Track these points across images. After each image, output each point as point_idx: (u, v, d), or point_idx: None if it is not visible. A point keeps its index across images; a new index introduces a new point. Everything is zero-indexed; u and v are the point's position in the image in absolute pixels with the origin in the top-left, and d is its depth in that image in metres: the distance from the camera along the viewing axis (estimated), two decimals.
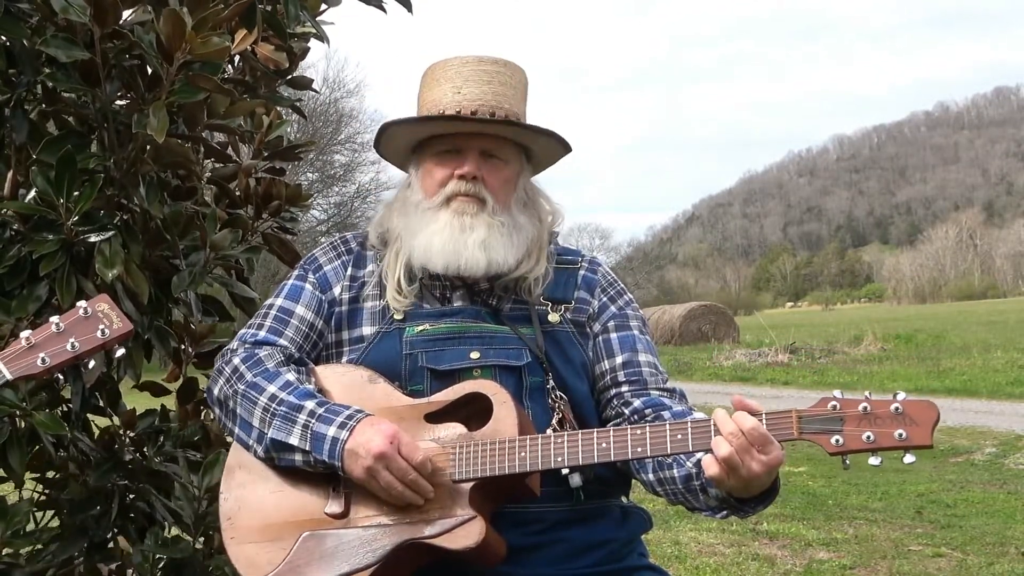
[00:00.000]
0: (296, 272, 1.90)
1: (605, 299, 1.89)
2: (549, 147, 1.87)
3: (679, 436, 1.55)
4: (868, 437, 1.48)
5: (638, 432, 1.57)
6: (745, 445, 1.48)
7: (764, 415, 1.52)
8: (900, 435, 1.47)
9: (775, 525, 5.88)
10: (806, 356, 18.99)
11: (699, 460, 1.62)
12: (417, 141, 1.86)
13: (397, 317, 1.80)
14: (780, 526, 5.85)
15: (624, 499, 1.85)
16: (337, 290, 1.85)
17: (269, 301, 1.87)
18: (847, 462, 1.54)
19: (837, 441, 1.50)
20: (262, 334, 1.80)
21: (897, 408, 1.48)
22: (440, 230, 1.77)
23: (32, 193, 2.04)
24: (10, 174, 2.08)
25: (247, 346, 1.78)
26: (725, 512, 1.66)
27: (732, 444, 1.48)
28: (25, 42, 2.03)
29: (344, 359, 1.81)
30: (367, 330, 1.81)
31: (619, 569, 1.75)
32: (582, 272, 1.91)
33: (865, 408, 1.49)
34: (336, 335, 1.83)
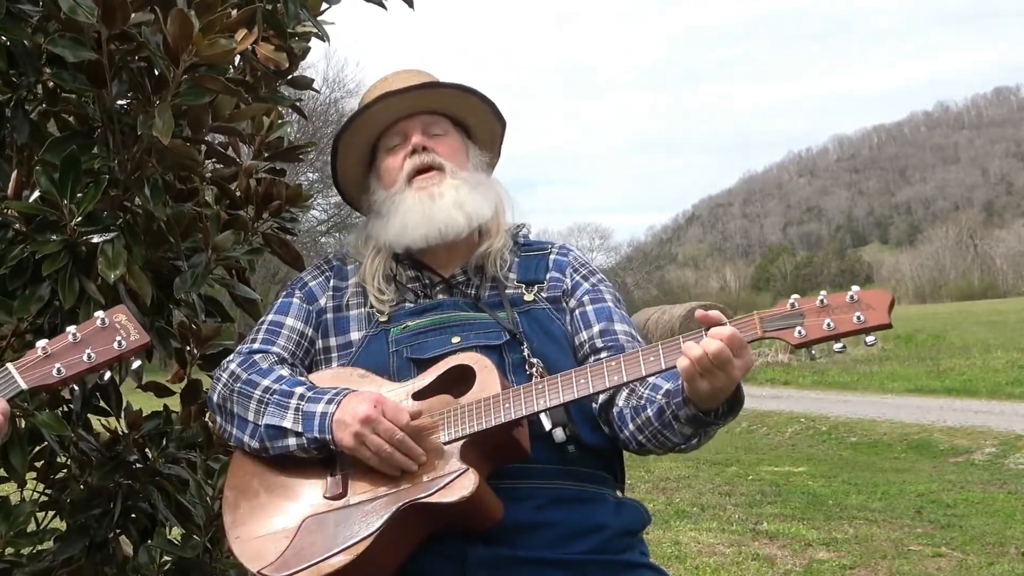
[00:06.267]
0: (284, 291, 2.00)
1: (578, 277, 1.96)
2: (484, 119, 1.99)
3: (651, 358, 1.61)
4: (828, 324, 1.54)
5: (612, 363, 1.64)
6: (728, 356, 1.54)
7: (728, 322, 1.59)
8: (858, 318, 1.53)
9: (775, 525, 5.89)
10: (806, 356, 18.94)
11: (667, 390, 1.70)
12: (367, 156, 1.98)
13: (382, 320, 1.88)
14: (780, 526, 5.86)
15: (619, 492, 1.88)
16: (323, 300, 1.95)
17: (261, 318, 1.98)
18: (814, 353, 1.61)
19: (800, 333, 1.56)
20: (256, 345, 1.90)
21: (852, 297, 1.55)
22: (410, 208, 1.87)
23: (36, 193, 2.04)
24: (14, 174, 2.08)
25: (243, 355, 1.87)
26: (698, 438, 1.71)
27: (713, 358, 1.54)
28: (26, 42, 2.04)
29: (334, 364, 1.89)
30: (354, 335, 1.89)
31: (618, 562, 1.77)
32: (552, 256, 1.99)
33: (822, 301, 1.56)
34: (324, 341, 1.92)
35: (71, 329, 1.54)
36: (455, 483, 1.60)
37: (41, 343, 1.53)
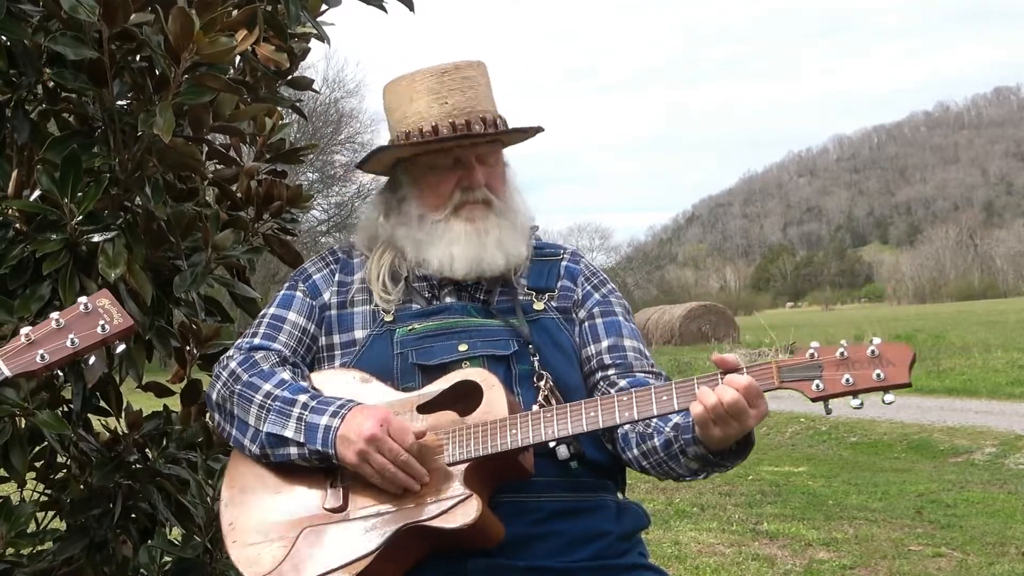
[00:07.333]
0: (287, 283, 1.94)
1: (589, 287, 1.93)
2: (519, 137, 1.94)
3: (664, 397, 1.59)
4: (847, 380, 1.52)
5: (624, 398, 1.62)
6: (744, 407, 1.52)
7: (745, 368, 1.57)
8: (878, 375, 1.51)
9: (775, 525, 5.89)
10: (822, 409, 18.89)
11: (676, 423, 1.67)
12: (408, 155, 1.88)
13: (387, 319, 1.83)
14: (780, 526, 5.86)
15: (619, 495, 1.87)
16: (327, 295, 1.89)
17: (263, 311, 1.92)
18: (829, 407, 1.57)
19: (817, 386, 1.54)
20: (257, 340, 1.85)
21: (873, 351, 1.52)
22: (456, 239, 1.81)
23: (36, 192, 2.04)
24: (14, 173, 2.08)
25: (243, 352, 1.83)
26: (706, 472, 1.70)
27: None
28: (27, 42, 2.04)
29: (337, 363, 1.84)
30: (359, 334, 1.84)
31: (618, 565, 1.76)
32: (564, 263, 1.95)
33: (842, 353, 1.54)
34: (328, 339, 1.87)
35: (54, 315, 1.52)
36: (458, 508, 1.59)
37: (24, 330, 1.51)
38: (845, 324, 32.14)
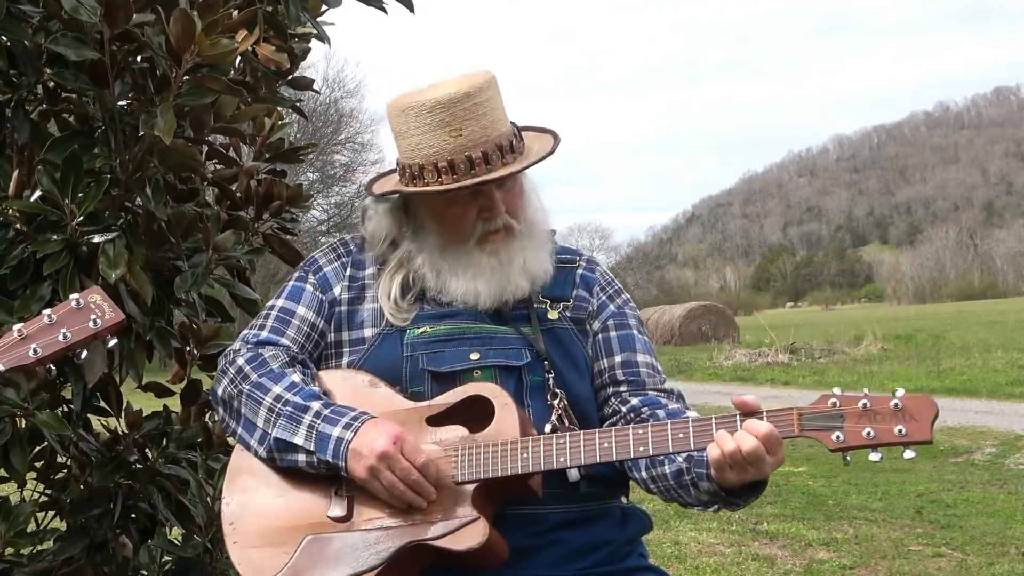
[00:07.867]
0: (296, 274, 1.90)
1: (604, 297, 1.90)
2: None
3: (680, 435, 1.57)
4: (868, 433, 1.51)
5: (640, 432, 1.59)
6: (763, 454, 1.51)
7: (765, 413, 1.55)
8: (900, 431, 1.50)
9: (775, 525, 5.89)
10: (806, 356, 19.01)
11: (688, 456, 1.65)
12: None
13: None
14: (780, 526, 5.86)
15: (624, 499, 1.86)
16: (337, 290, 1.85)
17: (270, 302, 1.88)
18: (848, 458, 1.56)
19: (838, 438, 1.52)
20: (264, 334, 1.80)
21: (896, 404, 1.50)
22: (481, 273, 1.78)
23: (37, 193, 2.04)
24: (15, 174, 2.08)
25: (250, 346, 1.79)
26: (717, 506, 1.69)
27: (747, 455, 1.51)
28: (27, 42, 2.04)
29: (344, 360, 1.81)
30: (368, 332, 1.81)
31: (619, 570, 1.76)
32: (580, 271, 1.91)
33: (865, 404, 1.52)
34: (336, 335, 1.83)
35: (46, 311, 1.53)
36: (464, 531, 1.58)
37: (16, 326, 1.52)
38: (845, 324, 32.14)
